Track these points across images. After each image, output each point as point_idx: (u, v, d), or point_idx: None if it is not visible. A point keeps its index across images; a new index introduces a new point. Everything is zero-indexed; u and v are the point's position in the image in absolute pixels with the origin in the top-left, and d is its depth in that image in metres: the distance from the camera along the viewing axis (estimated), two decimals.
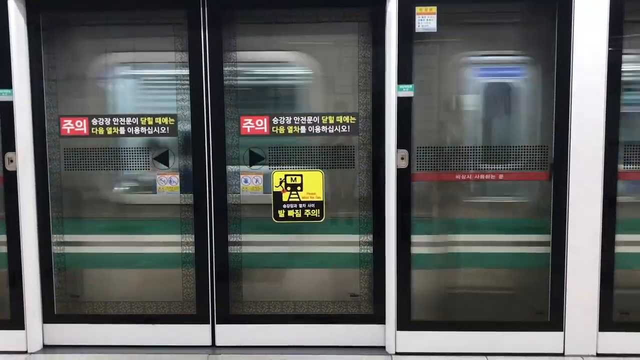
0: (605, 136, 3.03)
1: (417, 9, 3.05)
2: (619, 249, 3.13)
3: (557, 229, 3.13)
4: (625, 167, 3.12)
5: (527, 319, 3.26)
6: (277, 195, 3.27)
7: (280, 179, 3.26)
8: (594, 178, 3.06)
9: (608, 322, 3.15)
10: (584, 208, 3.08)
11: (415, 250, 3.20)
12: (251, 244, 3.37)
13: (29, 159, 3.25)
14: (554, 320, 3.17)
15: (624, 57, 3.02)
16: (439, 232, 3.31)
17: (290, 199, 3.27)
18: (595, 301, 3.12)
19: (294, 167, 3.26)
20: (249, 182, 3.29)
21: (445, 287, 3.34)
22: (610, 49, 3.00)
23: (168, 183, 3.30)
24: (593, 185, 3.06)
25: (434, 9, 3.05)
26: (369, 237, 3.31)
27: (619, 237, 3.12)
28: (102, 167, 3.34)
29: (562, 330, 3.17)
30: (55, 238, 3.37)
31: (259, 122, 3.23)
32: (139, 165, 3.34)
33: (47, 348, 3.37)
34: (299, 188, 3.26)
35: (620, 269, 3.15)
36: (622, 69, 3.03)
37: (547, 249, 3.18)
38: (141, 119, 3.25)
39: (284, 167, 3.26)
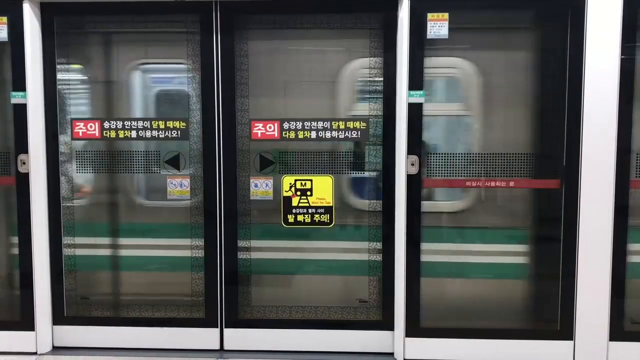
0: (617, 144, 3.01)
1: (429, 16, 3.05)
2: (630, 258, 3.10)
3: (567, 237, 3.11)
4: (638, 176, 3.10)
5: (537, 327, 3.24)
6: (287, 200, 3.27)
7: (290, 183, 3.26)
8: (605, 187, 3.03)
9: (619, 331, 3.11)
10: (594, 217, 3.06)
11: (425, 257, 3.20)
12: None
13: (41, 161, 3.27)
14: (565, 329, 3.15)
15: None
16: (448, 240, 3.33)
17: (300, 204, 3.27)
18: (606, 310, 3.09)
19: (304, 172, 3.28)
20: (259, 187, 3.30)
21: (454, 294, 3.33)
22: (622, 56, 2.98)
23: (179, 187, 3.31)
24: (604, 193, 3.04)
25: (446, 15, 3.05)
26: (379, 244, 3.31)
27: (631, 247, 3.10)
28: (114, 170, 3.37)
29: (572, 340, 3.14)
30: (66, 240, 3.40)
31: (270, 127, 3.24)
32: (151, 168, 3.36)
33: (56, 349, 3.39)
34: (308, 193, 3.26)
35: (632, 279, 3.13)
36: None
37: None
38: (153, 122, 3.26)
39: (294, 172, 3.28)
